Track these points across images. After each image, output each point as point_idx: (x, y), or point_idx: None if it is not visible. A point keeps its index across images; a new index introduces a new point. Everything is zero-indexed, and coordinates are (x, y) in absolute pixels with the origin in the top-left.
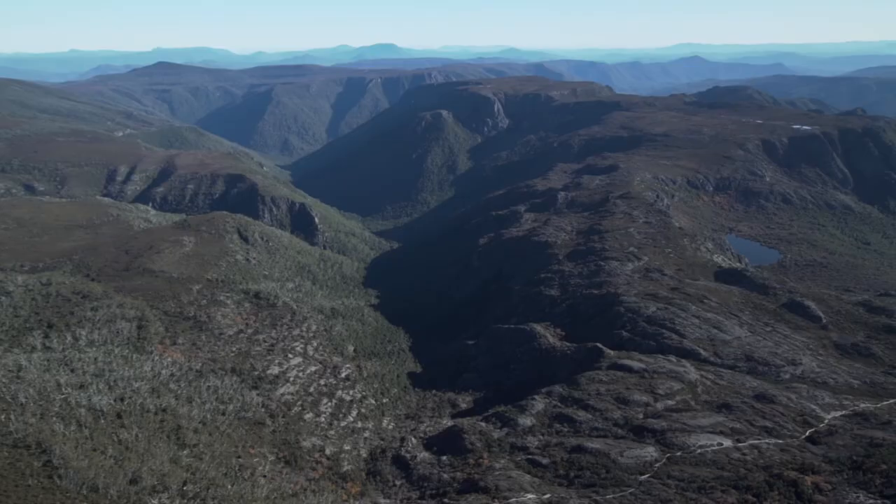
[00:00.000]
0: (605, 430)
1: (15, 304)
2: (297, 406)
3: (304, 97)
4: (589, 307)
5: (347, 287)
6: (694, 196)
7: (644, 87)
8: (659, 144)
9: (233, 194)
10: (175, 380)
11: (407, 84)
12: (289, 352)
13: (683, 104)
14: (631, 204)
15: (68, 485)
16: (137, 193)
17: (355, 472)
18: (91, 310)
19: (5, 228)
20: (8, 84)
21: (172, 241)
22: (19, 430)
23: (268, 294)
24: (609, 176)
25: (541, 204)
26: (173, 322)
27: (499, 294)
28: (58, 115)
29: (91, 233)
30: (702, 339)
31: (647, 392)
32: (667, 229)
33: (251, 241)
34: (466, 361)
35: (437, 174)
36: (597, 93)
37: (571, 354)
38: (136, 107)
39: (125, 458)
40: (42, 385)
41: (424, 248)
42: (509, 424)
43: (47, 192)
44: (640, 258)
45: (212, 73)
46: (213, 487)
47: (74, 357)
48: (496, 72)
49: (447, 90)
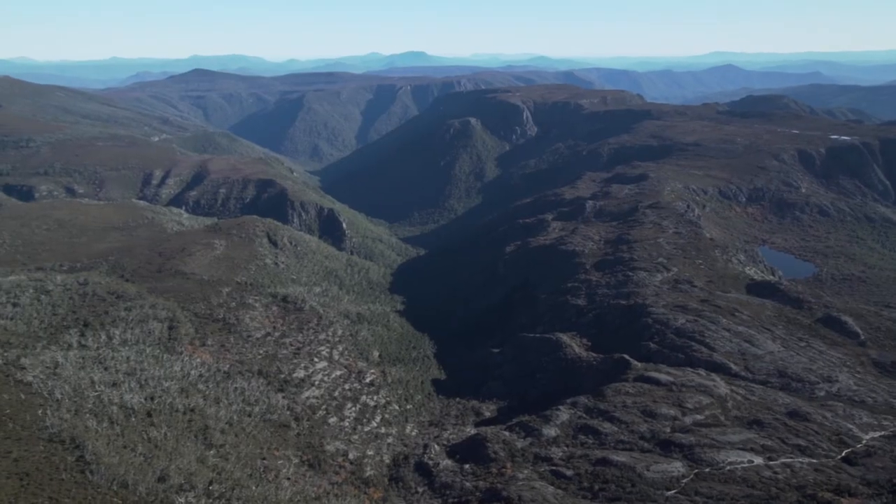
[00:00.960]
0: (631, 444)
1: (54, 302)
2: (322, 410)
3: (335, 104)
4: (616, 318)
5: (374, 292)
6: (726, 207)
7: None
8: (690, 154)
9: (263, 199)
10: (203, 380)
11: (436, 91)
12: (315, 356)
13: (716, 113)
14: (660, 214)
15: (99, 480)
16: (171, 197)
17: (378, 478)
18: (125, 310)
19: (47, 229)
20: (53, 90)
21: (204, 244)
22: (54, 426)
23: (295, 298)
24: (638, 185)
25: (568, 212)
26: (203, 323)
27: (525, 302)
28: (98, 121)
29: (126, 235)
30: (732, 352)
31: (674, 406)
32: (697, 240)
33: (280, 245)
34: (491, 369)
35: (465, 181)
36: (627, 101)
37: (597, 365)
38: (172, 112)
39: (154, 455)
40: (77, 382)
41: (451, 254)
42: (533, 434)
43: (86, 194)
44: (670, 269)
45: (245, 80)
46: (238, 488)
47: (108, 355)
48: (525, 80)
49: (476, 98)
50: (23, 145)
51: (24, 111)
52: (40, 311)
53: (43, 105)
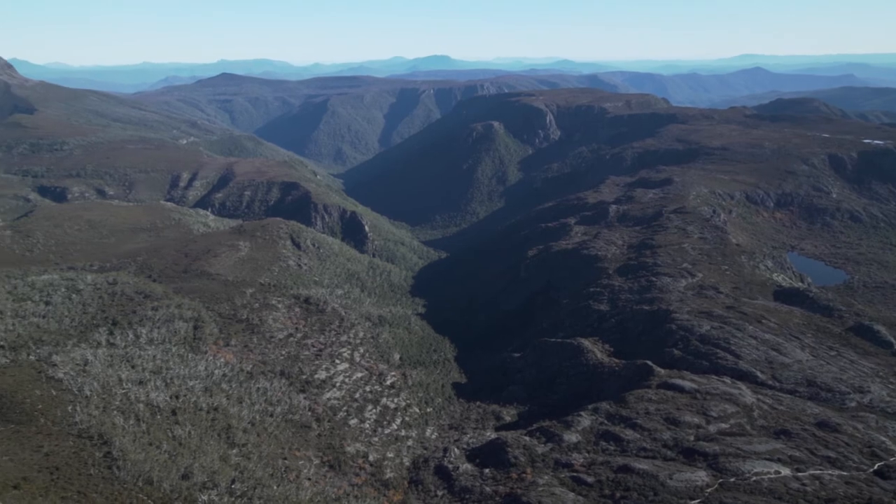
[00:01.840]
0: (654, 451)
1: (84, 301)
2: (343, 411)
3: (358, 107)
4: (639, 323)
5: (395, 295)
6: (753, 212)
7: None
8: (716, 158)
9: (287, 201)
10: (227, 380)
11: (459, 95)
12: (336, 357)
13: (743, 117)
14: (685, 219)
15: (125, 476)
16: (198, 199)
17: (397, 480)
18: (152, 309)
19: (78, 230)
20: (86, 94)
21: (229, 246)
22: (83, 422)
23: (317, 300)
24: (663, 190)
25: (591, 217)
26: (227, 324)
27: (546, 307)
28: (129, 124)
29: (154, 235)
30: (759, 360)
31: (698, 413)
32: (723, 246)
33: (303, 247)
34: (512, 374)
35: (487, 185)
36: (652, 105)
37: (620, 371)
38: (200, 116)
39: (178, 453)
40: (105, 379)
41: (472, 258)
42: (554, 440)
43: (117, 195)
44: (694, 274)
45: (271, 84)
46: (259, 487)
47: (135, 354)
48: (549, 83)
49: (499, 101)
50: (57, 148)
51: (58, 115)
52: (71, 310)
53: (77, 109)
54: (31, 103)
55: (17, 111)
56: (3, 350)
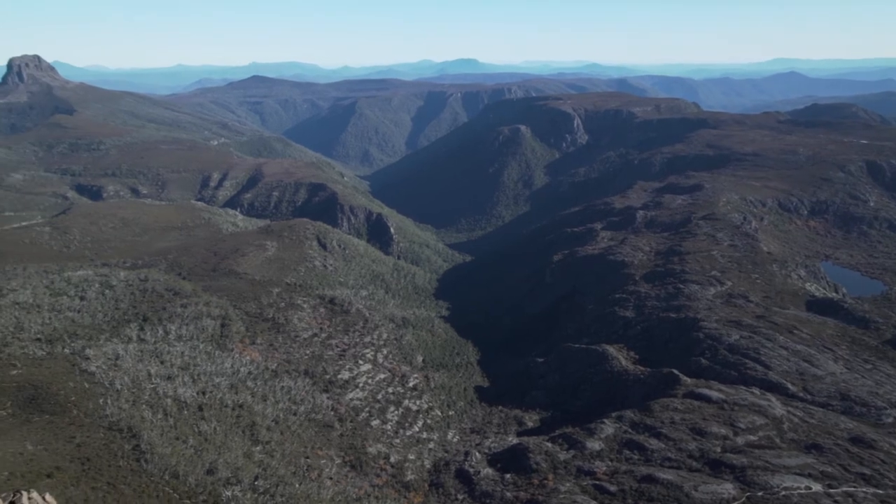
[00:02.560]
0: (679, 462)
1: (117, 297)
2: (365, 412)
3: (386, 110)
4: (665, 331)
5: (419, 297)
6: (786, 220)
7: (734, 104)
8: (748, 164)
9: (314, 202)
10: (252, 378)
11: (486, 98)
12: (359, 358)
13: (777, 122)
14: (715, 225)
15: (153, 469)
16: (227, 198)
17: (418, 483)
18: (181, 306)
19: (113, 227)
20: (123, 96)
21: (256, 246)
22: (114, 415)
23: (342, 300)
24: (692, 196)
25: (618, 222)
26: (253, 322)
27: (571, 312)
28: (163, 125)
29: (185, 234)
30: (790, 372)
31: (726, 424)
32: (754, 253)
33: (329, 248)
34: (535, 379)
35: (513, 189)
36: (682, 109)
37: (645, 379)
38: (231, 117)
39: (204, 448)
40: (135, 374)
41: (497, 262)
42: (576, 447)
43: (150, 194)
44: (724, 283)
45: (300, 87)
46: (282, 485)
47: (164, 350)
48: (577, 87)
49: (526, 105)
50: (94, 148)
51: (96, 116)
52: (104, 305)
53: (113, 110)
54: (71, 104)
55: (58, 112)
56: (39, 343)
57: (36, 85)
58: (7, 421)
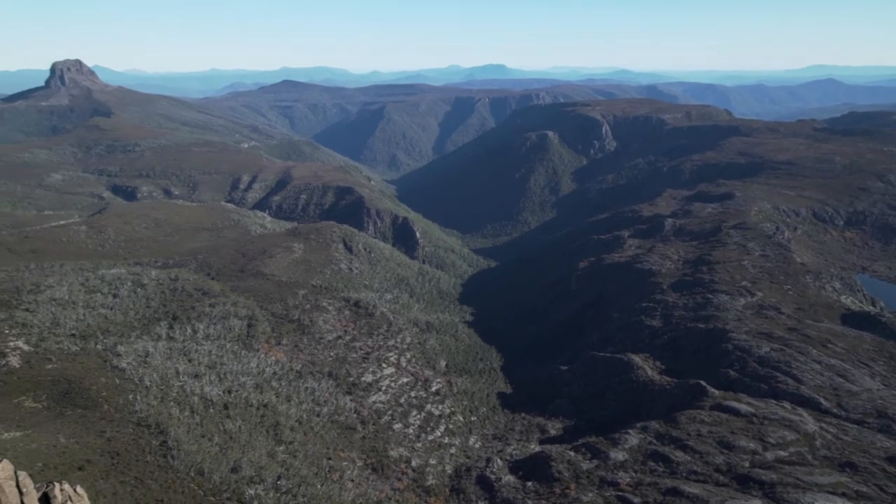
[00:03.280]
0: (705, 475)
1: (148, 295)
2: (388, 415)
3: (414, 115)
4: (693, 341)
5: (443, 302)
6: (820, 230)
7: (768, 111)
8: (781, 173)
9: (341, 205)
10: (277, 378)
11: (514, 104)
12: (383, 361)
13: (813, 130)
14: (746, 235)
15: (179, 466)
16: (256, 201)
17: (439, 488)
18: (209, 306)
19: (145, 227)
20: (158, 99)
21: (284, 247)
22: (142, 411)
23: (367, 303)
24: (722, 204)
25: (646, 230)
26: (279, 323)
27: (596, 320)
28: (196, 128)
29: (214, 235)
30: (823, 387)
31: (755, 439)
32: (786, 264)
33: (355, 251)
34: (558, 387)
35: (540, 195)
36: (713, 117)
37: (671, 390)
38: (262, 121)
39: (228, 447)
40: (164, 371)
41: (522, 268)
42: (600, 457)
43: (181, 196)
44: (754, 293)
45: (330, 91)
46: (304, 485)
47: (192, 348)
48: (606, 93)
49: (554, 111)
50: (130, 149)
51: (133, 118)
52: (136, 303)
53: (149, 113)
54: (108, 107)
55: (96, 114)
56: (74, 338)
57: (76, 88)
58: (42, 414)
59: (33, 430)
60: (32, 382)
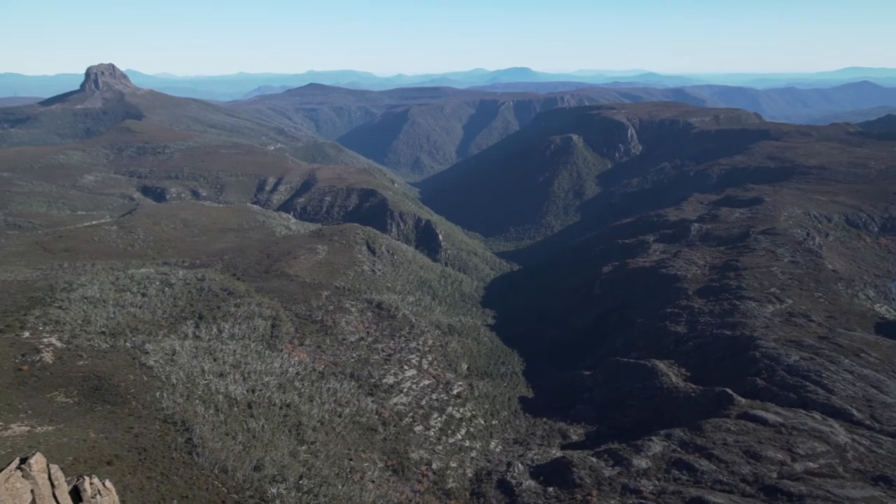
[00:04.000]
0: (731, 485)
1: (175, 294)
2: (409, 417)
3: (438, 118)
4: (719, 348)
5: (465, 305)
6: (853, 236)
7: (799, 115)
8: (813, 177)
9: (364, 208)
10: (300, 378)
11: (538, 107)
12: (405, 363)
13: (846, 134)
14: (775, 241)
15: (203, 463)
16: (282, 202)
17: (459, 491)
18: (234, 306)
19: (174, 228)
20: (187, 102)
21: (308, 249)
22: (169, 408)
23: (389, 305)
24: (751, 209)
25: (671, 235)
26: (302, 324)
27: (620, 325)
28: (223, 130)
29: (240, 236)
30: (855, 397)
31: (783, 449)
32: (817, 271)
33: (378, 253)
34: (581, 392)
35: (563, 198)
36: (742, 120)
37: (696, 397)
38: (287, 124)
39: (252, 445)
40: (190, 370)
41: (545, 272)
42: (622, 464)
43: (209, 197)
44: (783, 300)
45: (355, 94)
46: (325, 485)
47: (217, 347)
48: (632, 96)
49: (579, 114)
50: (159, 151)
51: (163, 121)
52: (164, 302)
53: (178, 115)
54: (140, 110)
55: (128, 117)
56: (104, 336)
57: (110, 92)
58: (73, 409)
59: (65, 424)
60: (64, 378)
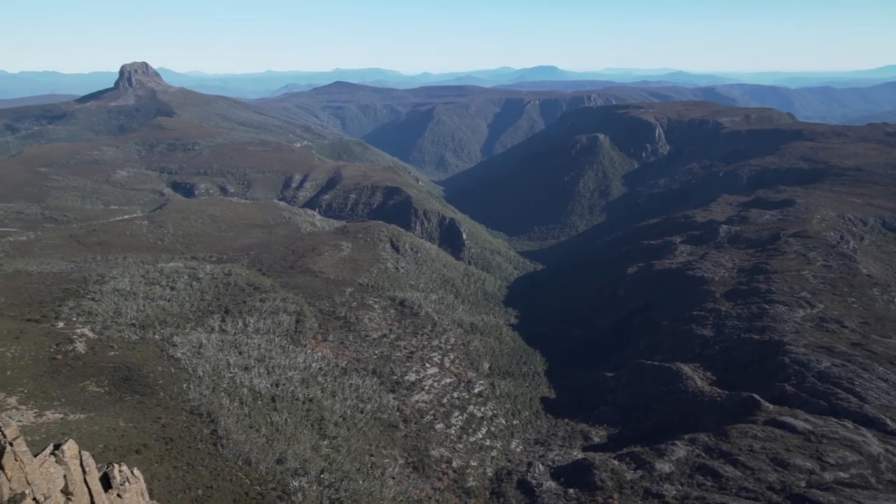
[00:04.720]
0: (757, 493)
1: (202, 288)
2: (430, 415)
3: (463, 116)
4: (746, 353)
5: (488, 304)
6: (890, 240)
7: (835, 114)
8: (848, 179)
9: (389, 205)
10: (323, 374)
11: (565, 106)
12: (426, 361)
13: (885, 135)
14: (807, 244)
15: (228, 454)
16: (307, 199)
17: (479, 490)
18: (260, 301)
19: (202, 223)
20: (217, 100)
21: (332, 246)
22: (195, 399)
23: (412, 303)
24: (782, 211)
25: (699, 236)
26: (326, 320)
27: (644, 327)
28: (251, 127)
29: (266, 232)
30: (890, 407)
31: (812, 458)
32: (851, 275)
33: (401, 250)
34: (604, 394)
35: (589, 198)
36: (774, 120)
37: (721, 402)
38: (314, 121)
39: (275, 438)
40: (216, 363)
41: (569, 272)
42: (644, 467)
43: (236, 193)
44: (814, 305)
45: (381, 92)
46: (346, 480)
47: (243, 341)
48: (660, 96)
49: (606, 113)
50: (189, 148)
51: (193, 118)
52: (191, 296)
53: (208, 113)
54: (171, 108)
55: (159, 114)
56: (134, 328)
57: (142, 89)
58: (104, 398)
59: (96, 413)
60: (96, 368)
